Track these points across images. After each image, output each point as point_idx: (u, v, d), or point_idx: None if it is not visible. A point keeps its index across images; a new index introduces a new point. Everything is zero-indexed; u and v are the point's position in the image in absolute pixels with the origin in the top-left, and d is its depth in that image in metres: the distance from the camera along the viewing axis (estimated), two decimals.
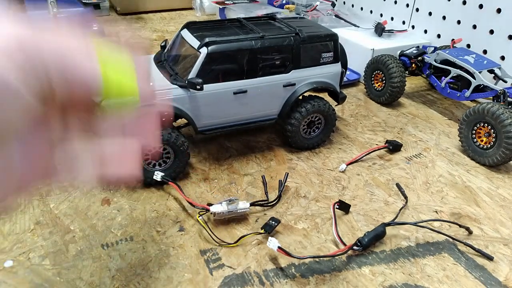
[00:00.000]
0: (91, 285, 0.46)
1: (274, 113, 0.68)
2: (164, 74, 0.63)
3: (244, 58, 0.62)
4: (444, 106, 0.92)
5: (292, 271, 0.49)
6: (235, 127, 0.66)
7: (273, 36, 0.64)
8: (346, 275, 0.49)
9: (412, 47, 0.93)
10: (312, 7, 1.27)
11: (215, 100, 0.62)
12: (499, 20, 0.89)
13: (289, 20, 0.73)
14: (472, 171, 0.69)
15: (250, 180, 0.65)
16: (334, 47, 0.69)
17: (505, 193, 0.64)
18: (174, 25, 1.44)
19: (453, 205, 0.61)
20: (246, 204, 0.56)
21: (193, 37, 0.63)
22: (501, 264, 0.51)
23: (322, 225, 0.56)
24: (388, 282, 0.48)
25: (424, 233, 0.55)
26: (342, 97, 0.75)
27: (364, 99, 0.94)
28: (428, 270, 0.50)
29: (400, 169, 0.69)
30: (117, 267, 0.48)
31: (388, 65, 0.87)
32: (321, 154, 0.72)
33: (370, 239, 0.52)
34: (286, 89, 0.67)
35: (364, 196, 0.62)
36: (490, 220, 0.58)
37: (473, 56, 0.84)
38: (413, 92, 0.99)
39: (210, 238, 0.52)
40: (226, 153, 0.71)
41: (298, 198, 0.61)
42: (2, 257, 0.49)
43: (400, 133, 0.80)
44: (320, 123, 0.72)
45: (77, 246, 0.51)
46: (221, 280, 0.47)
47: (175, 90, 0.60)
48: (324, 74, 0.69)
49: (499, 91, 0.74)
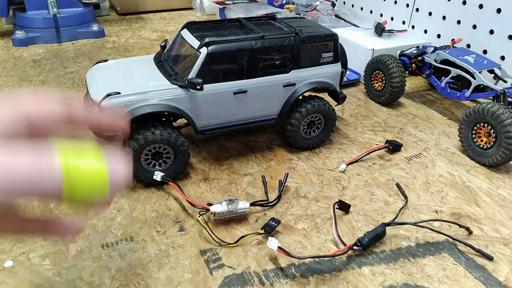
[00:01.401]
0: (91, 285, 0.46)
1: (274, 113, 0.68)
2: (164, 74, 0.63)
3: (244, 58, 0.62)
4: (444, 106, 0.92)
5: (292, 271, 0.49)
6: (235, 127, 0.66)
7: (273, 36, 0.64)
8: (346, 275, 0.49)
9: (412, 47, 0.93)
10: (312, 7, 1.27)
11: (215, 100, 0.62)
12: (499, 20, 0.89)
13: (289, 20, 0.73)
14: (472, 171, 0.69)
15: (250, 180, 0.65)
16: (334, 47, 0.69)
17: (505, 193, 0.64)
18: (174, 25, 1.44)
19: (453, 205, 0.61)
20: (246, 204, 0.56)
21: (193, 37, 0.63)
22: (501, 264, 0.51)
23: (322, 225, 0.56)
24: (388, 282, 0.48)
25: (424, 233, 0.55)
26: (342, 97, 0.75)
27: (364, 99, 0.94)
28: (428, 270, 0.50)
29: (400, 169, 0.69)
30: (117, 267, 0.48)
31: (388, 65, 0.87)
32: (321, 154, 0.72)
33: (370, 239, 0.52)
34: (286, 89, 0.67)
35: (364, 196, 0.62)
36: (490, 220, 0.58)
37: (473, 56, 0.84)
38: (413, 92, 0.99)
39: (210, 238, 0.52)
40: (226, 153, 0.71)
41: (298, 198, 0.61)
42: (2, 257, 0.49)
43: (400, 133, 0.80)
44: (320, 123, 0.72)
45: (77, 246, 0.51)
46: (221, 280, 0.47)
47: (175, 90, 0.60)
48: (324, 74, 0.69)
49: (499, 91, 0.74)
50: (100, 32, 1.29)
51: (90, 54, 1.15)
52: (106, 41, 1.26)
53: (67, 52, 1.16)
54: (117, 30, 1.37)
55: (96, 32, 1.28)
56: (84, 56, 1.14)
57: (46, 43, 1.22)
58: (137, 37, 1.31)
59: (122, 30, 1.38)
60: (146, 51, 1.19)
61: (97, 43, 1.24)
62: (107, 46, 1.22)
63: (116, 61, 0.70)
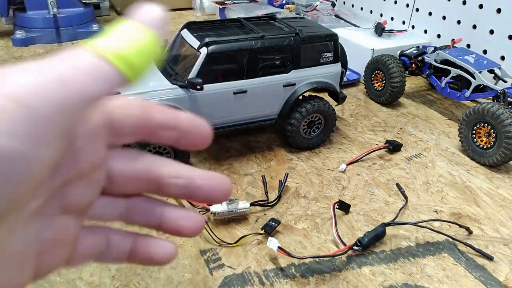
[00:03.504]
0: (91, 285, 0.46)
1: (274, 113, 0.68)
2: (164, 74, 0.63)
3: (244, 58, 0.62)
4: (444, 106, 0.92)
5: (292, 271, 0.49)
6: (235, 127, 0.66)
7: (273, 36, 0.64)
8: (346, 275, 0.49)
9: (412, 47, 0.93)
10: (312, 7, 1.27)
11: (215, 100, 0.62)
12: (499, 20, 0.89)
13: (289, 20, 0.73)
14: (472, 171, 0.69)
15: (250, 180, 0.65)
16: (334, 47, 0.69)
17: (505, 193, 0.64)
18: (174, 25, 1.44)
19: (453, 205, 0.61)
20: (246, 204, 0.56)
21: (193, 37, 0.63)
22: (501, 264, 0.51)
23: (322, 225, 0.56)
24: (388, 282, 0.48)
25: (424, 233, 0.55)
26: (342, 97, 0.75)
27: (364, 99, 0.94)
28: (428, 270, 0.50)
29: (400, 169, 0.69)
30: (117, 267, 0.48)
31: (388, 65, 0.87)
32: (321, 154, 0.72)
33: (370, 239, 0.52)
34: (286, 89, 0.67)
35: (364, 196, 0.62)
36: (490, 220, 0.58)
37: (473, 56, 0.84)
38: (413, 92, 0.99)
39: (210, 238, 0.52)
40: (226, 153, 0.71)
41: (298, 198, 0.61)
42: None
43: (400, 133, 0.80)
44: (320, 123, 0.72)
45: None
46: (221, 280, 0.47)
47: (175, 90, 0.60)
48: (324, 74, 0.69)
49: (499, 91, 0.74)
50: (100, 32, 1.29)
51: None
52: None
53: None
54: None
55: (96, 32, 1.28)
56: None
57: (46, 43, 1.22)
58: None
59: None
60: None
61: None
62: None
63: None
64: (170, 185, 0.20)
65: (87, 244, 0.20)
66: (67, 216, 0.18)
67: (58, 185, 0.17)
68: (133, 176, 0.20)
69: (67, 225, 0.18)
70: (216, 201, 0.21)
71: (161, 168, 0.20)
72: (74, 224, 0.18)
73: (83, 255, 0.20)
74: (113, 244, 0.21)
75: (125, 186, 0.20)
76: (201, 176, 0.20)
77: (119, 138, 0.19)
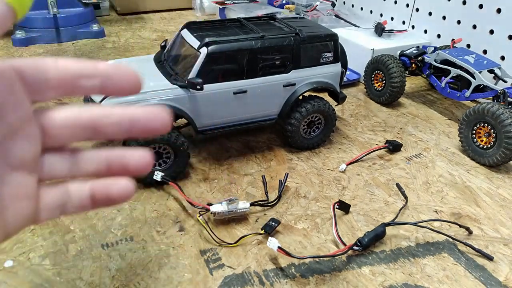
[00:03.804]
0: (91, 285, 0.46)
1: (274, 113, 0.68)
2: (164, 74, 0.63)
3: (244, 58, 0.62)
4: (444, 106, 0.92)
5: (292, 271, 0.49)
6: (235, 127, 0.66)
7: (273, 36, 0.64)
8: (346, 275, 0.49)
9: (412, 47, 0.93)
10: (312, 7, 1.27)
11: (215, 100, 0.62)
12: (499, 20, 0.89)
13: (289, 20, 0.73)
14: (472, 171, 0.69)
15: (250, 180, 0.65)
16: (334, 47, 0.69)
17: (505, 193, 0.64)
18: (174, 25, 1.44)
19: (453, 205, 0.61)
20: (246, 204, 0.56)
21: (193, 37, 0.63)
22: (501, 264, 0.51)
23: (322, 225, 0.56)
24: (388, 282, 0.48)
25: (424, 233, 0.55)
26: (342, 97, 0.75)
27: (364, 99, 0.94)
28: (428, 270, 0.50)
29: (400, 169, 0.69)
30: (117, 267, 0.48)
31: (388, 65, 0.87)
32: (321, 154, 0.72)
33: (370, 239, 0.52)
34: (286, 89, 0.67)
35: (364, 196, 0.62)
36: (490, 220, 0.58)
37: (473, 56, 0.84)
38: (413, 92, 0.99)
39: (210, 238, 0.52)
40: (226, 153, 0.71)
41: (298, 198, 0.61)
42: (2, 257, 0.49)
43: (400, 133, 0.80)
44: (320, 123, 0.72)
45: (77, 246, 0.51)
46: (221, 280, 0.47)
47: (175, 90, 0.60)
48: (324, 74, 0.69)
49: (499, 91, 0.74)
50: (100, 32, 1.29)
51: (90, 54, 1.15)
52: (106, 41, 1.26)
53: (67, 52, 1.16)
54: (117, 30, 1.37)
55: (96, 32, 1.28)
56: (84, 56, 1.14)
57: (46, 43, 1.22)
58: (137, 37, 1.31)
59: (122, 30, 1.38)
60: (146, 51, 1.19)
61: (97, 43, 1.24)
62: (107, 46, 1.22)
63: (116, 61, 0.70)
64: (102, 119, 0.21)
65: (48, 198, 0.21)
66: (19, 172, 0.20)
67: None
68: (65, 123, 0.21)
69: (22, 181, 0.20)
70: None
71: (90, 110, 0.21)
72: (28, 179, 0.20)
73: (47, 208, 0.21)
74: (73, 193, 0.22)
75: (61, 136, 0.21)
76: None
77: (41, 93, 0.20)
